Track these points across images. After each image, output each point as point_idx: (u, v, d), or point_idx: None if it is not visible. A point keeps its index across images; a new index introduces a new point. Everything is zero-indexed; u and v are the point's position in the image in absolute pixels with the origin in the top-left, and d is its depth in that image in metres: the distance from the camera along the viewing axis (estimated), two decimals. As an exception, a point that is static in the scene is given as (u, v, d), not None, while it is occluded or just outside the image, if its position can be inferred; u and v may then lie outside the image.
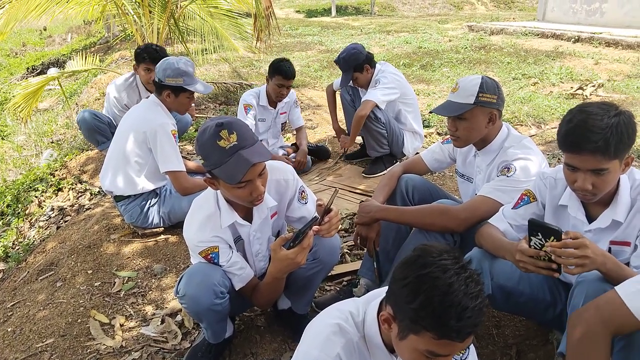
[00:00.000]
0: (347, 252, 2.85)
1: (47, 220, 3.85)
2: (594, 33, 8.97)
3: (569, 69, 7.05)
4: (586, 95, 5.77)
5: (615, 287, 1.37)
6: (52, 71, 9.55)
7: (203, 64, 7.53)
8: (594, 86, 5.98)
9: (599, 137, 1.45)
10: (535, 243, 1.51)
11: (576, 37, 9.00)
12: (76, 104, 7.04)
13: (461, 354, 1.39)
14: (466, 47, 8.86)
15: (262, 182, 1.70)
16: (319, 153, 4.33)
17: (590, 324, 1.38)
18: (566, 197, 1.72)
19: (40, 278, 2.83)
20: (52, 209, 3.95)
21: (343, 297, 2.28)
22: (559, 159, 3.86)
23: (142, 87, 3.95)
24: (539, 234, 1.49)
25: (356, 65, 3.68)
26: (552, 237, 1.46)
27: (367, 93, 3.72)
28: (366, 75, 3.73)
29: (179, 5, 5.39)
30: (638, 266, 1.54)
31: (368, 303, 1.36)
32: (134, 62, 3.85)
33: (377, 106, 3.62)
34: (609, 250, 1.64)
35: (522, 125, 4.89)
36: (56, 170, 4.49)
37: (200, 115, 5.66)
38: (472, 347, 1.43)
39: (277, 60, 3.75)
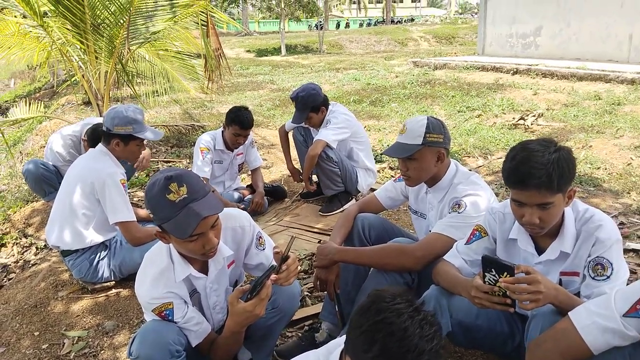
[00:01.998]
0: (307, 294, 2.82)
1: (-12, 279, 3.62)
2: (530, 65, 9.51)
3: (510, 100, 7.40)
4: (528, 125, 6.06)
5: (569, 315, 1.40)
6: (-6, 119, 9.18)
7: (154, 106, 7.44)
8: (534, 116, 6.29)
9: (542, 172, 1.52)
10: (489, 279, 1.54)
11: (514, 70, 9.50)
12: (20, 152, 6.78)
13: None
14: (412, 83, 9.18)
15: (215, 233, 1.67)
16: (275, 193, 4.32)
17: (549, 357, 1.41)
18: (515, 231, 1.78)
19: (-19, 344, 2.64)
20: (-5, 267, 3.73)
21: (305, 343, 2.25)
22: (506, 188, 4.00)
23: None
24: (492, 270, 1.52)
25: (314, 106, 3.75)
26: (506, 273, 1.49)
27: (318, 133, 3.78)
28: (320, 116, 3.80)
29: (127, 50, 5.34)
30: (588, 295, 1.59)
31: (329, 354, 1.34)
32: (85, 136, 3.63)
33: (328, 145, 3.67)
34: (560, 281, 1.69)
35: (469, 156, 5.06)
36: (-2, 225, 4.27)
37: (152, 159, 5.55)
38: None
39: (235, 108, 3.75)
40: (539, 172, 1.52)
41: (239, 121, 3.68)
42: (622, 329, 1.29)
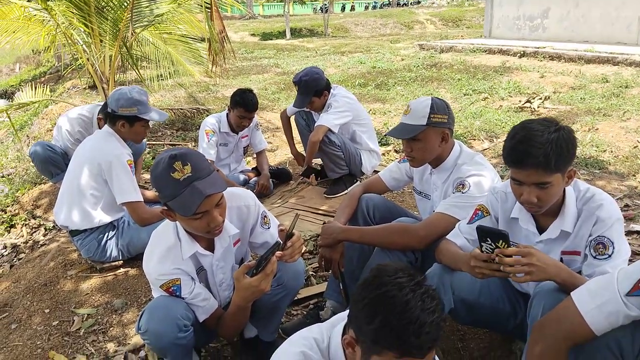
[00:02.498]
0: (312, 274, 2.85)
1: (-1, 259, 3.69)
2: (538, 48, 9.41)
3: (517, 83, 7.35)
4: (534, 108, 6.02)
5: (572, 297, 1.39)
6: (0, 103, 9.24)
7: (158, 90, 7.45)
8: (540, 99, 6.25)
9: (540, 152, 1.52)
10: (486, 248, 1.55)
11: (522, 52, 9.40)
12: (27, 136, 6.83)
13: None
14: (418, 66, 9.12)
15: (220, 212, 1.70)
16: (280, 176, 4.33)
17: (551, 340, 1.42)
18: (517, 210, 1.79)
19: (-7, 321, 2.70)
20: (5, 247, 3.79)
21: (310, 321, 2.28)
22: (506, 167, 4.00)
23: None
24: (488, 239, 1.53)
25: (317, 90, 3.73)
26: (501, 241, 1.51)
27: (319, 118, 3.78)
28: (322, 100, 3.78)
29: (131, 33, 5.33)
30: (590, 275, 1.59)
31: (332, 327, 1.36)
32: (101, 115, 3.46)
33: (330, 130, 3.68)
34: (561, 260, 1.70)
35: (475, 139, 5.05)
36: (8, 207, 4.33)
37: (158, 142, 5.58)
38: (439, 362, 1.45)
39: (239, 91, 3.75)
40: (536, 152, 1.52)
41: (244, 104, 3.69)
42: (625, 310, 1.29)
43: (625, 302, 1.29)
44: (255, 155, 4.31)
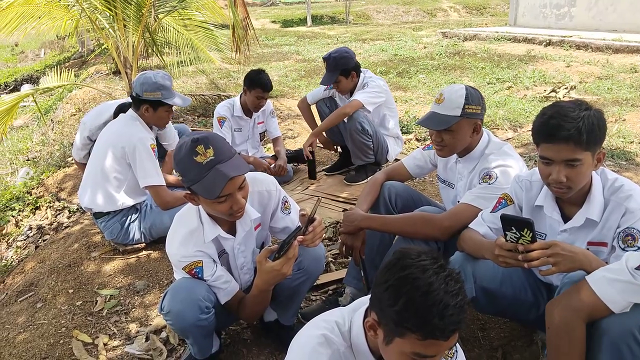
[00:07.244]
0: (331, 260, 2.86)
1: (25, 239, 3.78)
2: (564, 36, 9.19)
3: (542, 72, 7.20)
4: (559, 98, 5.90)
5: (585, 276, 1.42)
6: (26, 88, 9.39)
7: (180, 76, 7.50)
8: (566, 88, 6.12)
9: (572, 125, 1.50)
10: (511, 237, 1.53)
11: (547, 41, 9.20)
12: (51, 120, 6.94)
13: (449, 358, 1.40)
14: (441, 54, 8.99)
15: (243, 194, 1.70)
16: (297, 157, 4.33)
17: (562, 313, 1.43)
18: (541, 198, 1.75)
19: (20, 299, 2.76)
20: (30, 228, 3.87)
21: (329, 307, 2.28)
22: (535, 161, 3.93)
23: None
24: (512, 227, 1.51)
25: (344, 69, 3.64)
26: (526, 229, 1.48)
27: (355, 94, 3.69)
28: (350, 82, 3.70)
29: (154, 18, 5.35)
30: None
31: (354, 312, 1.36)
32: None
33: (364, 107, 3.60)
34: (587, 251, 1.67)
35: (498, 129, 4.97)
36: (33, 189, 4.41)
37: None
38: (460, 350, 1.44)
39: (254, 72, 3.75)
40: (568, 125, 1.51)
41: (262, 84, 3.70)
42: (632, 280, 1.31)
43: (633, 274, 1.32)
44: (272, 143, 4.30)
